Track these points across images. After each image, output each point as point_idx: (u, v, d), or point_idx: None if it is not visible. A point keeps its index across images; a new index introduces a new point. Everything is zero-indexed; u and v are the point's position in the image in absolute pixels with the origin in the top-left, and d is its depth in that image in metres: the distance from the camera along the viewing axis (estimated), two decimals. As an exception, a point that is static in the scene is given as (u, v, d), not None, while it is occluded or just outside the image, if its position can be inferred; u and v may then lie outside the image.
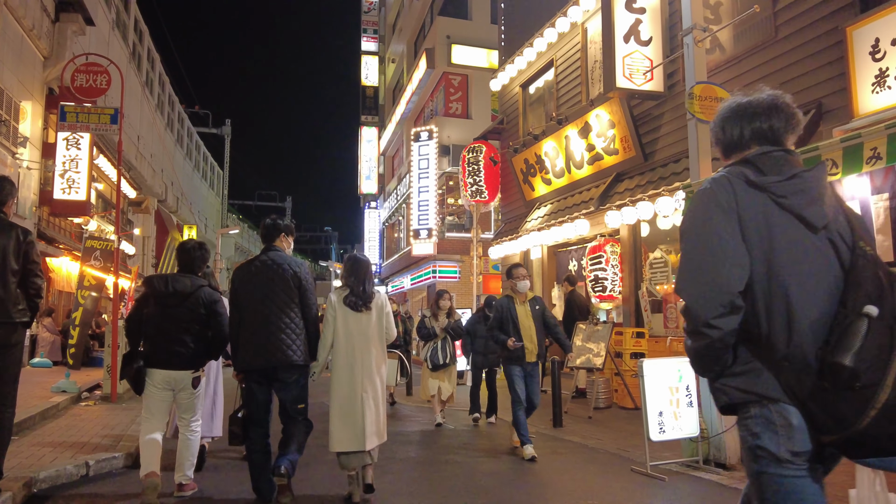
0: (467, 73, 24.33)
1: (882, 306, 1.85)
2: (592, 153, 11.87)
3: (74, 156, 15.51)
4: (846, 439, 1.87)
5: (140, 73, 26.26)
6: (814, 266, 1.95)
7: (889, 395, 1.78)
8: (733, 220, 2.01)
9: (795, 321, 1.91)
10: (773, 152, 2.12)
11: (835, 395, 1.83)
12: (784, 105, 2.18)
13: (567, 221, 11.98)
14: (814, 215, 2.00)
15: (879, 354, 1.80)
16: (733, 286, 1.96)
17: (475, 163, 16.06)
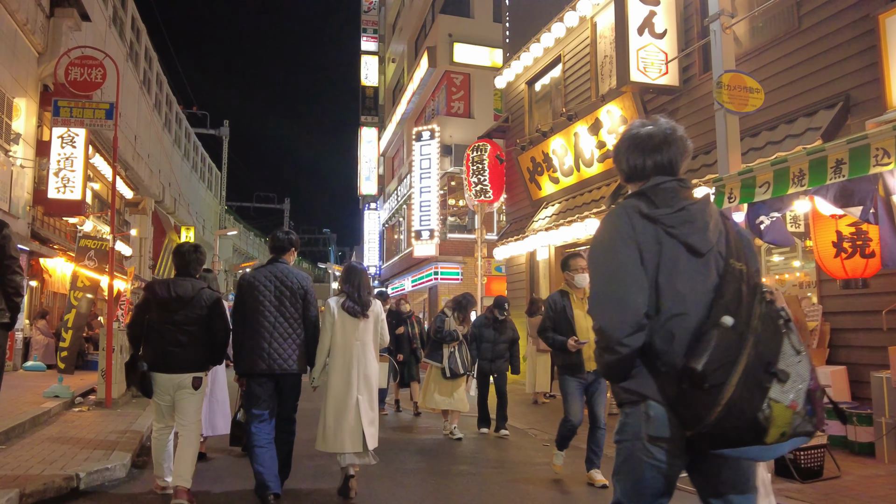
0: (469, 71, 23.99)
1: (738, 317, 2.09)
2: (603, 150, 11.52)
3: (69, 154, 15.13)
4: (701, 433, 2.11)
5: (137, 72, 25.88)
6: (696, 288, 2.19)
7: (733, 394, 2.01)
8: (633, 249, 2.23)
9: (675, 336, 2.16)
10: (667, 184, 2.35)
11: (691, 394, 2.08)
12: (680, 138, 2.43)
13: (576, 221, 11.62)
14: (698, 242, 2.23)
15: (728, 359, 2.03)
16: (639, 309, 2.19)
17: (480, 162, 15.71)
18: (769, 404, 2.02)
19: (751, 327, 2.09)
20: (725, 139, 6.07)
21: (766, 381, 2.04)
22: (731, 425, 2.05)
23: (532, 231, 13.23)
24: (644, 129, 2.47)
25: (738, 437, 2.07)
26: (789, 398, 2.03)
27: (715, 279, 2.21)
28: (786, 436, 2.06)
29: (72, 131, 15.12)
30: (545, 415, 10.17)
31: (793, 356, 2.08)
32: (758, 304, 2.15)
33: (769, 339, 2.09)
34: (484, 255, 15.71)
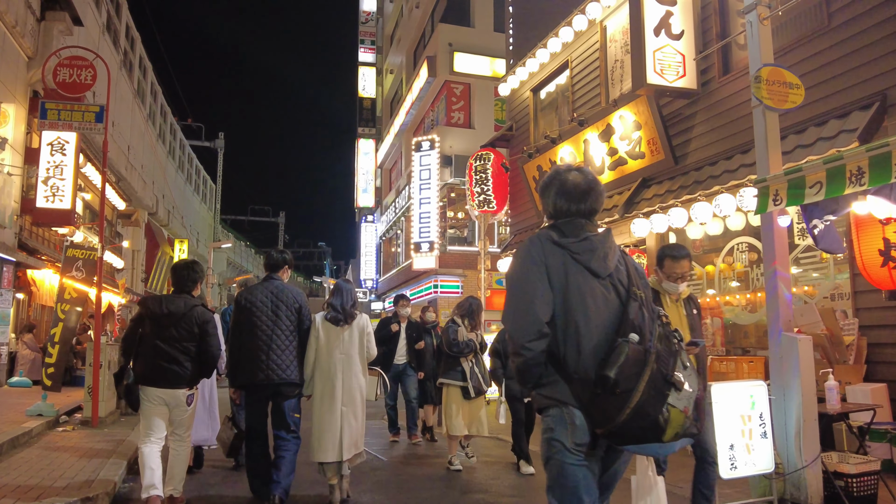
0: (470, 81, 23.61)
1: (641, 335, 2.50)
2: (615, 158, 11.06)
3: (59, 162, 14.62)
4: (611, 431, 2.48)
5: (131, 81, 25.41)
6: (597, 304, 2.58)
7: (639, 399, 2.40)
8: (542, 270, 2.63)
9: (582, 345, 2.53)
10: (577, 219, 2.78)
11: (604, 398, 2.44)
12: (601, 190, 2.88)
13: (587, 231, 11.13)
14: (598, 267, 2.64)
15: (635, 369, 2.42)
16: (542, 318, 2.57)
17: (483, 171, 15.26)
18: (668, 409, 2.44)
19: (653, 345, 2.51)
20: (765, 138, 5.61)
21: (666, 389, 2.45)
22: (637, 425, 2.44)
23: (539, 242, 12.73)
24: (571, 179, 2.85)
25: (643, 435, 2.47)
26: (683, 404, 2.47)
27: (615, 300, 2.62)
28: (678, 436, 2.49)
29: (62, 138, 14.63)
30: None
31: (682, 370, 2.53)
32: (657, 325, 2.60)
33: (666, 355, 2.53)
34: (487, 267, 15.22)
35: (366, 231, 34.55)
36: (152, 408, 4.97)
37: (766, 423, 5.28)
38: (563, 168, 2.92)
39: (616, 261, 2.72)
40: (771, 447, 5.26)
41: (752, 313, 8.94)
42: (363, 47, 37.18)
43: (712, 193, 8.49)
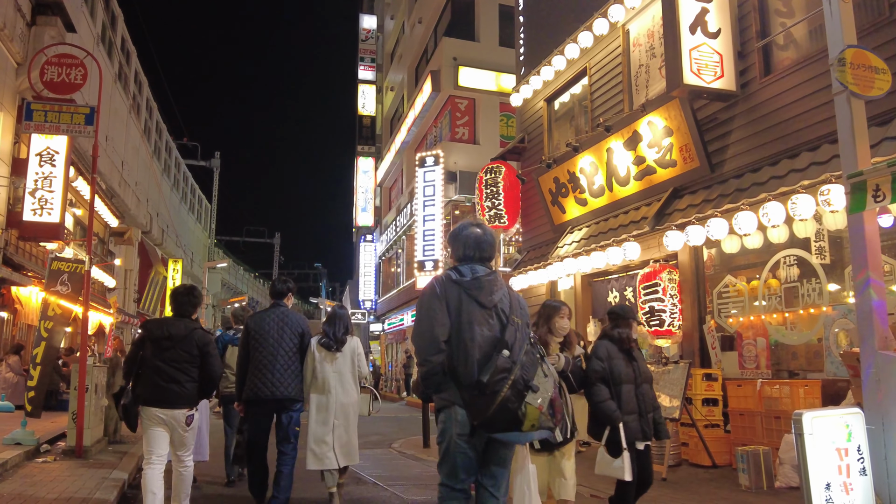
0: (474, 96, 22.97)
1: (512, 350, 3.37)
2: (642, 167, 10.36)
3: (48, 173, 13.85)
4: (483, 423, 3.34)
5: (126, 95, 24.71)
6: (482, 328, 3.43)
7: (504, 397, 3.24)
8: (442, 302, 3.50)
9: (469, 359, 3.38)
10: (474, 264, 3.64)
11: (479, 397, 3.31)
12: (493, 241, 3.76)
13: (611, 245, 10.41)
14: (484, 300, 3.50)
15: (503, 376, 3.29)
16: (440, 338, 3.45)
17: (494, 184, 14.54)
18: (525, 406, 3.26)
19: (519, 358, 3.35)
20: (851, 127, 4.88)
21: (525, 391, 3.28)
22: (501, 417, 3.28)
23: (556, 258, 11.99)
24: (472, 232, 3.70)
25: (507, 426, 3.31)
26: (538, 402, 3.28)
27: (497, 325, 3.46)
28: (535, 427, 3.32)
29: (51, 148, 13.90)
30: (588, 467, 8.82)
31: (542, 378, 3.37)
32: (527, 344, 3.45)
33: (530, 366, 3.37)
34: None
35: (365, 251, 33.77)
36: (152, 427, 5.12)
37: (865, 456, 4.49)
38: (468, 223, 3.80)
39: (501, 295, 3.55)
40: (871, 485, 4.47)
41: (801, 332, 8.19)
42: (363, 65, 36.62)
43: (758, 202, 7.76)
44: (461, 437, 3.43)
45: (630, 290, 11.31)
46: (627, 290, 11.37)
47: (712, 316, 9.47)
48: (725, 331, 9.31)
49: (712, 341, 9.34)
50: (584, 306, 12.43)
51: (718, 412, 8.66)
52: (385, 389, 29.13)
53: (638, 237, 10.11)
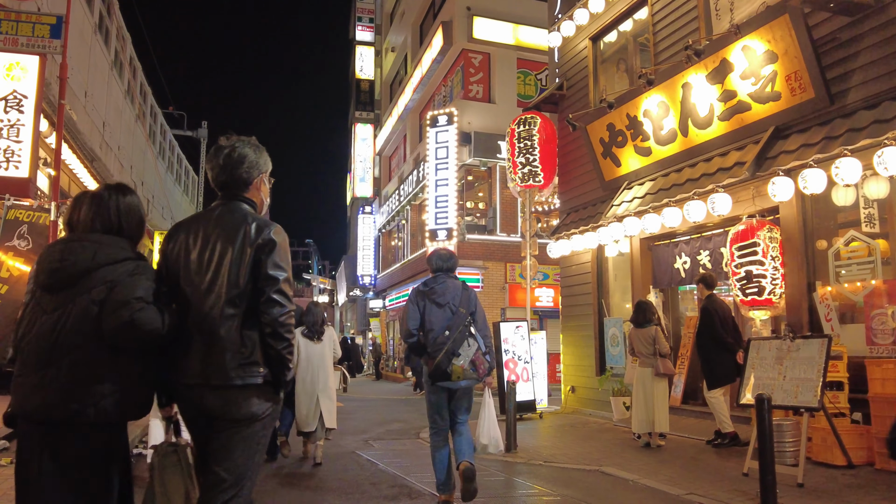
0: (490, 50, 21.03)
1: (451, 331, 5.13)
2: (730, 103, 8.57)
3: (14, 120, 11.81)
4: (432, 376, 5.12)
5: (108, 50, 22.61)
6: (438, 318, 5.15)
7: (440, 360, 5.03)
8: (415, 305, 5.26)
9: (430, 338, 5.12)
10: (440, 274, 5.42)
11: (429, 361, 5.13)
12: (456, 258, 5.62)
13: (692, 199, 8.65)
14: (440, 301, 5.20)
15: (440, 347, 5.11)
16: (412, 327, 5.21)
17: (528, 137, 12.70)
18: (452, 365, 5.02)
19: (453, 336, 5.08)
20: None
21: (453, 356, 5.05)
22: (438, 372, 5.05)
23: (613, 218, 10.22)
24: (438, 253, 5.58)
25: (444, 378, 5.07)
26: (461, 362, 5.04)
27: (450, 315, 5.17)
28: (460, 378, 5.06)
29: (18, 92, 11.80)
30: (661, 461, 7.10)
31: (466, 347, 5.11)
32: (461, 326, 5.16)
33: (459, 340, 5.10)
34: (535, 252, 12.69)
35: (363, 223, 31.80)
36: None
37: None
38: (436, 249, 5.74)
39: (451, 296, 5.25)
40: None
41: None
42: (361, 25, 34.45)
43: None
44: (430, 392, 5.32)
45: (706, 253, 9.57)
46: (702, 253, 9.63)
47: (826, 282, 7.76)
48: (847, 299, 7.59)
49: (826, 312, 7.62)
50: (644, 275, 10.67)
51: (844, 398, 6.96)
52: (387, 370, 27.39)
53: (729, 187, 8.36)
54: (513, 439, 8.01)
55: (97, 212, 2.80)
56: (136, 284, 2.65)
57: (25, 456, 2.58)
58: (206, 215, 2.94)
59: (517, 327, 11.77)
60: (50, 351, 2.55)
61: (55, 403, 2.52)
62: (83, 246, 2.69)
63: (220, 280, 2.78)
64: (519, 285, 19.84)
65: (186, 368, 2.76)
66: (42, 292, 2.67)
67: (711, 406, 8.05)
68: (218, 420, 2.77)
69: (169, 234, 2.95)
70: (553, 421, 11.10)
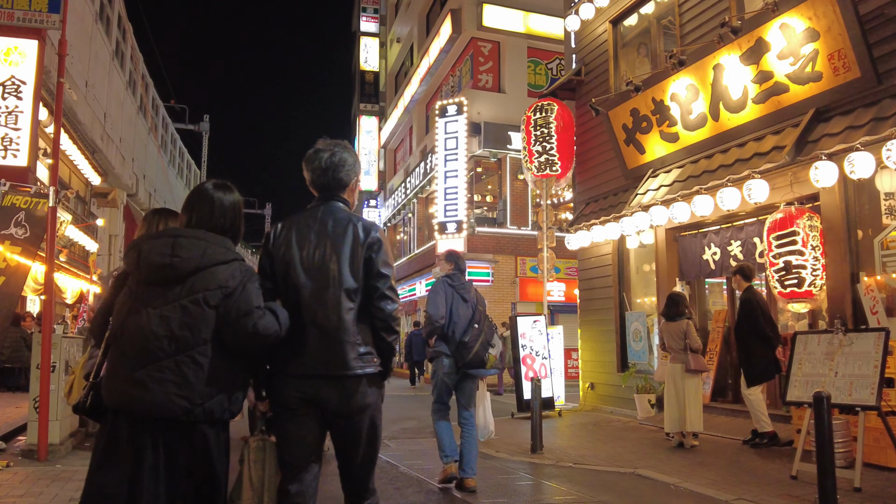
0: (500, 39, 20.56)
1: (480, 324, 5.86)
2: (767, 85, 8.13)
3: (13, 107, 11.35)
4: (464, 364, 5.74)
5: (109, 40, 22.16)
6: (462, 311, 5.82)
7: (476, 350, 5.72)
8: (443, 295, 5.84)
9: (456, 328, 5.78)
10: (459, 275, 6.06)
11: (462, 349, 5.72)
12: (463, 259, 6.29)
13: (725, 186, 8.22)
14: (465, 296, 5.92)
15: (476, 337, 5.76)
16: (442, 313, 5.77)
17: (545, 125, 12.26)
18: (488, 354, 5.77)
19: (483, 329, 5.83)
20: None
21: (488, 346, 5.78)
22: (475, 361, 5.69)
23: (638, 207, 9.78)
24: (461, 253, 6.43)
25: (478, 366, 5.73)
26: (495, 353, 5.85)
27: (470, 311, 5.85)
28: (491, 367, 5.86)
29: (16, 78, 11.38)
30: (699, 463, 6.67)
31: (497, 340, 5.97)
32: (486, 322, 5.92)
33: (489, 333, 5.88)
34: (552, 243, 12.25)
35: (368, 217, 31.37)
36: None
37: None
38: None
39: (472, 294, 6.01)
40: None
41: None
42: (365, 16, 33.95)
43: None
44: (446, 375, 5.84)
45: (737, 243, 9.13)
46: (733, 244, 9.18)
47: (872, 272, 7.32)
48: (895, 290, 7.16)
49: (872, 304, 7.17)
50: (669, 267, 10.23)
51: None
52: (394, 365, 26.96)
53: (767, 173, 7.91)
54: (539, 439, 7.58)
55: (202, 207, 2.79)
56: (252, 292, 2.68)
57: (115, 448, 2.53)
58: (309, 215, 3.04)
59: (534, 322, 11.33)
60: (157, 348, 2.49)
61: (162, 401, 2.47)
62: (192, 243, 2.65)
63: (337, 277, 2.90)
64: (530, 279, 19.43)
65: (303, 361, 2.84)
66: (142, 285, 2.62)
67: (749, 404, 7.61)
68: (332, 411, 2.87)
69: (271, 234, 3.02)
70: (573, 419, 10.68)
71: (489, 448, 7.94)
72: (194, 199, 2.82)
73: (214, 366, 2.56)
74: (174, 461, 2.52)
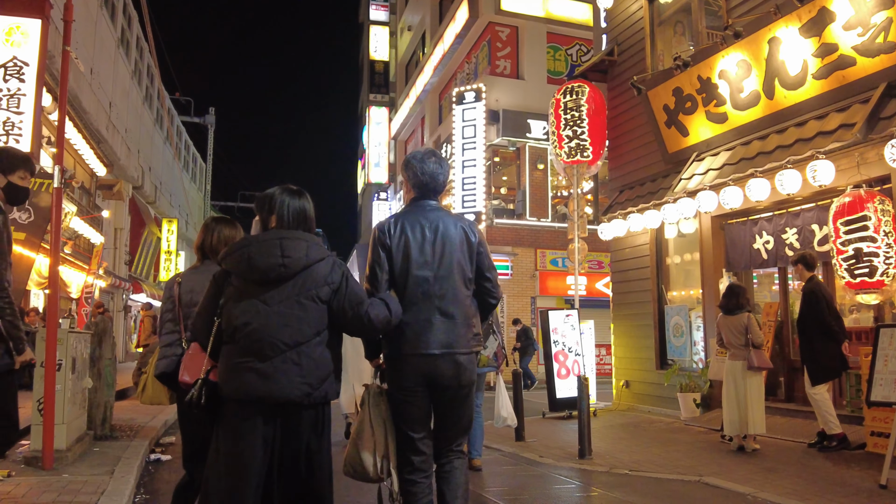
0: (518, 24, 19.89)
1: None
2: (830, 58, 7.49)
3: (15, 89, 10.77)
4: None
5: (114, 27, 21.58)
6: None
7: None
8: None
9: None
10: None
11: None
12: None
13: (785, 168, 7.59)
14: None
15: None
16: None
17: (576, 108, 11.58)
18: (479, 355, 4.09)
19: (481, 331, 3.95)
20: None
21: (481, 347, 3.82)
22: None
23: (682, 193, 9.14)
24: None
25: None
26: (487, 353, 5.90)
27: None
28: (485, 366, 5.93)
29: (18, 59, 10.85)
30: (767, 469, 6.04)
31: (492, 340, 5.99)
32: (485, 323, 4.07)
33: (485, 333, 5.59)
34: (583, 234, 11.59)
35: (378, 210, 30.68)
36: None
37: None
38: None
39: None
40: None
41: None
42: (375, 4, 33.20)
43: None
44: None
45: (792, 231, 8.49)
46: (788, 231, 8.55)
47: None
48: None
49: (955, 297, 6.55)
50: (716, 257, 9.59)
51: None
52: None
53: (831, 154, 7.28)
54: (587, 443, 6.96)
55: (292, 210, 3.03)
56: (355, 285, 2.98)
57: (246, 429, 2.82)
58: (418, 213, 3.36)
59: (566, 316, 10.71)
60: (280, 342, 2.79)
61: (288, 389, 2.78)
62: (296, 243, 2.90)
63: (455, 268, 3.30)
64: (550, 273, 18.81)
65: (427, 340, 3.20)
66: (254, 285, 2.86)
67: (815, 404, 6.98)
68: (445, 385, 3.26)
69: (385, 229, 3.33)
70: (610, 419, 10.06)
71: (531, 452, 7.34)
72: (270, 203, 3.03)
73: (325, 354, 2.89)
74: (296, 435, 2.85)
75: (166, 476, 6.28)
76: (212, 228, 3.61)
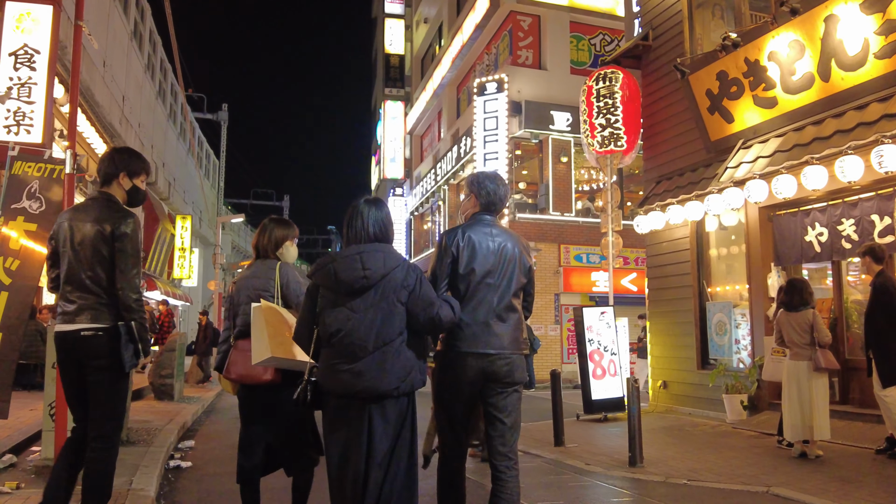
0: (540, 13, 19.32)
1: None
2: (894, 36, 6.94)
3: (25, 78, 10.24)
4: None
5: (127, 19, 21.19)
6: None
7: None
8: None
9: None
10: None
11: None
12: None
13: (847, 154, 7.06)
14: None
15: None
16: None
17: (609, 95, 11.09)
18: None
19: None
20: None
21: None
22: None
23: (728, 183, 8.62)
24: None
25: None
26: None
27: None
28: None
29: (29, 47, 10.40)
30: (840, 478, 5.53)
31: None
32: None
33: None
34: (617, 227, 11.09)
35: (394, 206, 30.17)
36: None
37: None
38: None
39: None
40: None
41: None
42: (390, -4, 32.69)
43: None
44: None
45: (849, 222, 7.95)
46: (844, 222, 8.01)
47: None
48: None
49: None
50: (764, 250, 9.07)
51: None
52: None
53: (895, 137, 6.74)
54: (639, 451, 6.46)
55: (356, 222, 3.33)
56: (428, 287, 3.30)
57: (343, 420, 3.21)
58: (482, 228, 3.66)
59: (601, 314, 10.20)
60: (369, 343, 3.13)
61: (378, 383, 3.13)
62: (374, 256, 3.22)
63: (513, 279, 3.61)
64: (574, 268, 18.28)
65: (488, 342, 3.49)
66: (342, 296, 3.20)
67: (884, 407, 6.45)
68: (498, 382, 3.52)
69: (454, 239, 3.58)
70: (649, 422, 9.54)
71: (577, 460, 6.84)
72: (351, 214, 3.35)
73: (408, 349, 3.21)
74: (389, 422, 3.18)
75: (188, 485, 5.84)
76: (266, 228, 4.16)
